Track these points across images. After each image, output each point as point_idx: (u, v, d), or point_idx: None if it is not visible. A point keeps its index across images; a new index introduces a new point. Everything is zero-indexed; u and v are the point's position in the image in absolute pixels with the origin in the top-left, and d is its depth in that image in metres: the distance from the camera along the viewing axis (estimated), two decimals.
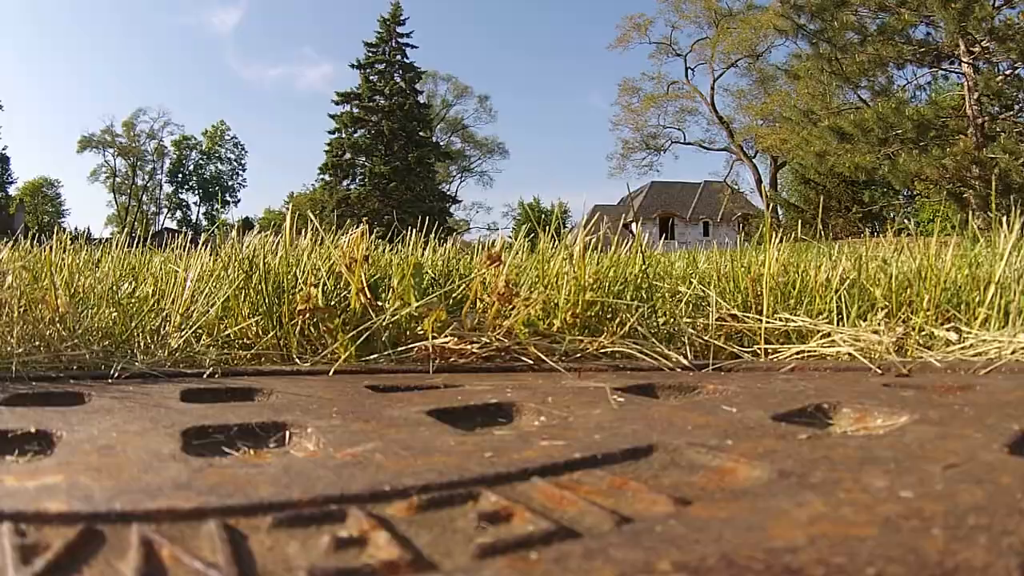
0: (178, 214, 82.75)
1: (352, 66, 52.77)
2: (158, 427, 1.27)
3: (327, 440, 1.18)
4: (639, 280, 2.61)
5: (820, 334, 2.23)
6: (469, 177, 75.98)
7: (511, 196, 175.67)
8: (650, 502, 0.86)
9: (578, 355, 2.18)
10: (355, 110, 51.70)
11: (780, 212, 45.60)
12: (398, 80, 52.14)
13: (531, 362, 2.09)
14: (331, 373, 1.99)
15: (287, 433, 1.31)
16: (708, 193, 58.75)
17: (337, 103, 52.30)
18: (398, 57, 52.51)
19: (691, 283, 2.72)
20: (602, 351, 2.18)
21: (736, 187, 56.28)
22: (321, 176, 53.32)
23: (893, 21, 26.21)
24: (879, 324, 2.16)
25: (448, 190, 70.31)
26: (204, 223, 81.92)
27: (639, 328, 2.26)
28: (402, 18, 52.83)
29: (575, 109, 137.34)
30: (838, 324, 2.30)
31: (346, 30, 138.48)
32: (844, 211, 34.83)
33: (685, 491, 0.90)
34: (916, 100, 28.40)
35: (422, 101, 55.16)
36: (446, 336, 2.15)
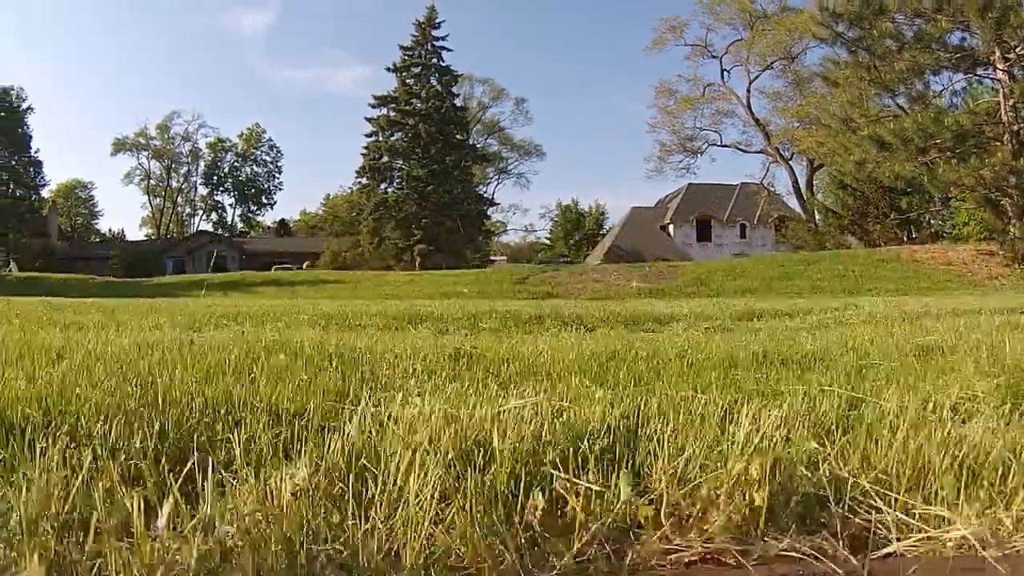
0: (213, 216, 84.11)
1: (388, 69, 53.28)
2: None
3: None
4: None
5: None
6: (506, 179, 76.28)
7: (547, 197, 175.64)
8: None
9: None
10: (391, 113, 52.13)
11: (817, 216, 45.39)
12: (434, 83, 52.51)
13: None
14: None
15: None
16: (744, 195, 58.59)
17: (374, 106, 52.85)
18: (434, 60, 52.87)
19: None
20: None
21: (772, 189, 56.07)
22: (358, 180, 53.92)
23: (930, 28, 26.08)
24: None
25: (485, 192, 70.71)
26: (240, 225, 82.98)
27: None
28: (437, 21, 53.19)
29: (611, 110, 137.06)
30: None
31: (380, 30, 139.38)
32: (882, 216, 34.64)
33: None
34: (953, 107, 28.14)
35: (458, 104, 55.53)
36: None
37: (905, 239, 35.62)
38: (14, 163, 55.55)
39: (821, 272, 23.96)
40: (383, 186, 51.93)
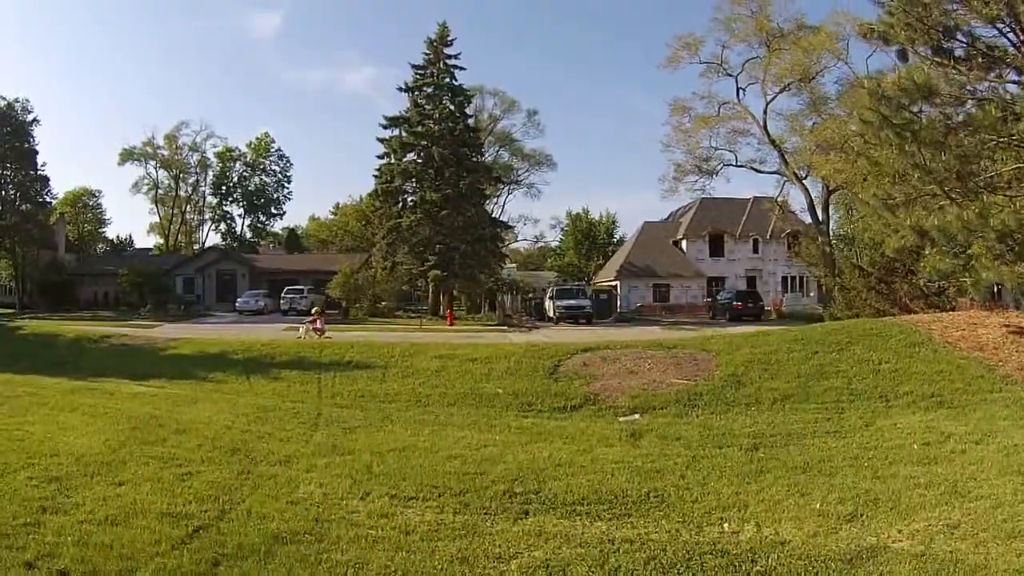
0: (222, 226, 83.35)
1: (400, 89, 51.93)
2: None
3: None
4: None
5: None
6: (516, 190, 75.32)
7: (556, 206, 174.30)
8: None
9: None
10: (404, 135, 50.99)
11: (832, 246, 44.95)
12: (447, 103, 51.15)
13: None
14: None
15: None
16: (758, 210, 58.20)
17: (385, 127, 51.60)
18: (446, 80, 51.45)
19: None
20: None
21: (787, 205, 55.50)
22: (372, 203, 52.99)
23: (980, 115, 25.48)
24: None
25: (496, 203, 69.95)
26: (248, 234, 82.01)
27: None
28: (450, 39, 51.76)
29: (621, 120, 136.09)
30: None
31: (389, 30, 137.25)
32: (908, 275, 34.31)
33: None
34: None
35: (471, 124, 54.39)
36: None
37: (932, 294, 35.49)
38: (21, 178, 54.48)
39: (855, 364, 23.75)
40: (396, 207, 50.95)
